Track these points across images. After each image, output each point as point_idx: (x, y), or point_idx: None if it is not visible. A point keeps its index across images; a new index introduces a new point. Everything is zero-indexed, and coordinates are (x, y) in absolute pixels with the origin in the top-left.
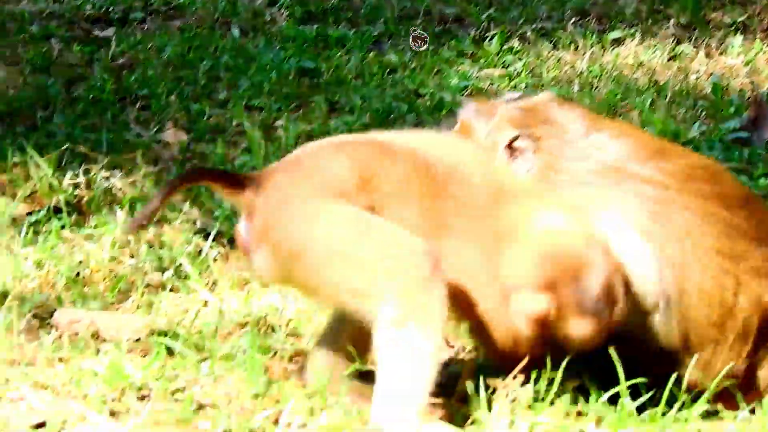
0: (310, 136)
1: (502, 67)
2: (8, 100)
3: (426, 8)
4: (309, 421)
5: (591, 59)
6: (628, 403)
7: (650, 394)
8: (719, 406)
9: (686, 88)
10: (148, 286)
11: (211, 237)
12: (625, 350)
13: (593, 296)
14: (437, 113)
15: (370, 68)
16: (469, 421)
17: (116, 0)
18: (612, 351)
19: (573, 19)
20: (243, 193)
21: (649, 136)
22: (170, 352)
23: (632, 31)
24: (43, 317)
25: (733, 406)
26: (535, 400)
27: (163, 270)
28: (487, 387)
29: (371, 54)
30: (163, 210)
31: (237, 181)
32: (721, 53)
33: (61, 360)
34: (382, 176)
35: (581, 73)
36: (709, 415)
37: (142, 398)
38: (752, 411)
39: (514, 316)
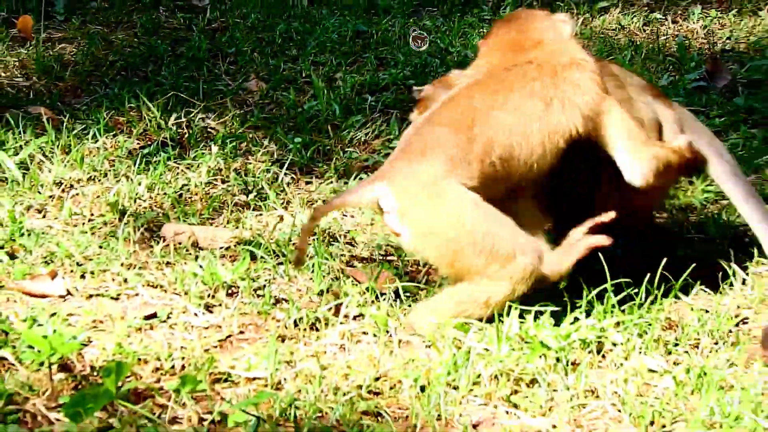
0: (362, 85)
1: None
2: (125, 57)
3: None
4: (363, 311)
5: (583, 23)
6: (612, 298)
7: (631, 290)
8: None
9: (657, 47)
10: (236, 205)
11: (285, 166)
12: None
13: None
14: (464, 66)
15: (410, 31)
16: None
17: None
18: (600, 255)
19: None
20: (376, 190)
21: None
22: (253, 257)
23: (615, 1)
24: (153, 230)
25: None
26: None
27: (248, 192)
28: None
29: (411, 20)
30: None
31: (368, 188)
32: (684, 20)
33: (167, 264)
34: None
35: (576, 34)
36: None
37: (230, 294)
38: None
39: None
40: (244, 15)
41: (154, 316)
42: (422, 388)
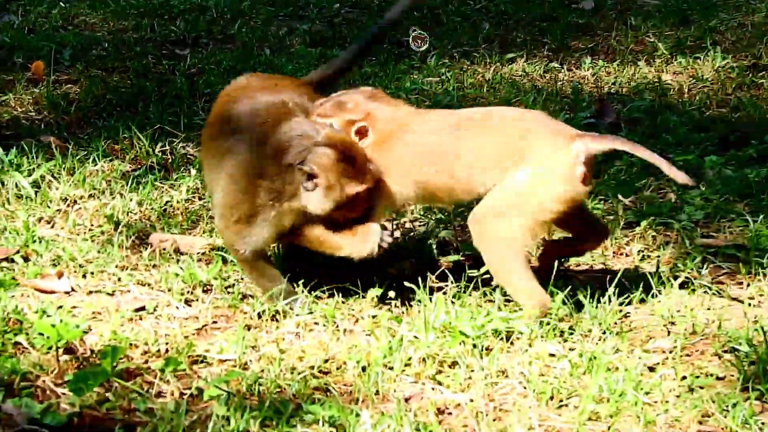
0: None
1: (438, 77)
2: (120, 95)
3: (388, 36)
4: (313, 307)
5: (494, 71)
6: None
7: None
8: None
9: (555, 91)
10: (211, 218)
11: None
12: None
13: None
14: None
15: (354, 76)
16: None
17: (190, 29)
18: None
19: (483, 45)
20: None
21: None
22: (225, 261)
23: (521, 53)
24: (142, 238)
25: None
26: None
27: None
28: None
29: (354, 67)
30: None
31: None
32: (577, 68)
33: (154, 266)
34: None
35: (488, 80)
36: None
37: (206, 291)
38: None
39: None
40: (217, 62)
41: (143, 309)
42: (363, 369)
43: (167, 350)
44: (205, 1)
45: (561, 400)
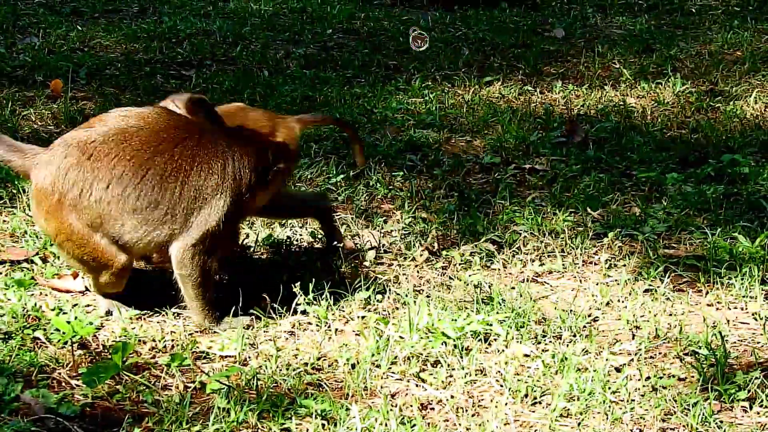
0: (309, 135)
1: (421, 97)
2: None
3: (377, 60)
4: (308, 309)
5: (473, 93)
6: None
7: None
8: None
9: (529, 112)
10: None
11: None
12: None
13: None
14: (383, 124)
15: (344, 96)
16: None
17: (195, 51)
18: None
19: (463, 69)
20: None
21: None
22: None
23: (498, 76)
24: None
25: None
26: None
27: None
28: None
29: (345, 87)
30: None
31: None
32: (549, 91)
33: (160, 270)
34: None
35: (468, 101)
36: (543, 303)
37: None
38: None
39: None
40: (220, 81)
41: (150, 308)
42: (353, 366)
43: (173, 346)
44: (209, 26)
45: (535, 398)
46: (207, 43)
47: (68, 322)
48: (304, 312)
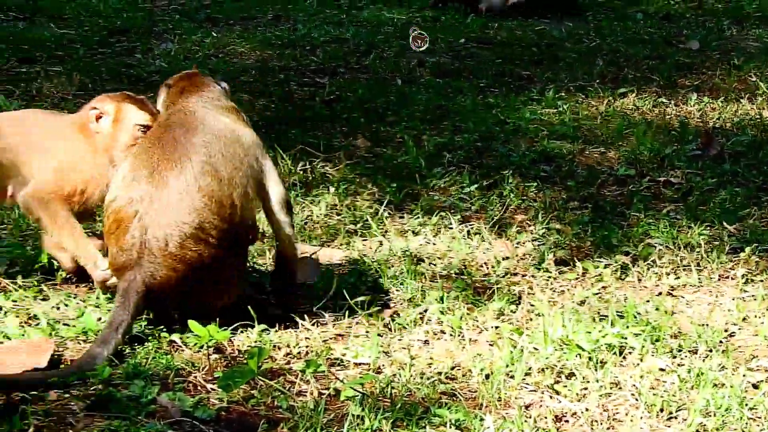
0: (442, 145)
1: (555, 108)
2: (265, 118)
3: (509, 70)
4: (442, 318)
5: (607, 104)
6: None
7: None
8: None
9: (664, 124)
10: (347, 232)
11: (384, 204)
12: None
13: None
14: (517, 134)
15: (478, 105)
16: None
17: (329, 60)
18: None
19: (597, 80)
20: None
21: None
22: (361, 273)
23: (632, 88)
24: None
25: None
26: None
27: (356, 223)
28: None
29: (479, 97)
30: None
31: None
32: (684, 103)
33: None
34: None
35: (602, 112)
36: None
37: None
38: None
39: None
40: (354, 90)
41: (285, 314)
42: (487, 376)
43: (307, 353)
44: (343, 34)
45: (670, 413)
46: (341, 51)
47: (205, 326)
48: (438, 321)
